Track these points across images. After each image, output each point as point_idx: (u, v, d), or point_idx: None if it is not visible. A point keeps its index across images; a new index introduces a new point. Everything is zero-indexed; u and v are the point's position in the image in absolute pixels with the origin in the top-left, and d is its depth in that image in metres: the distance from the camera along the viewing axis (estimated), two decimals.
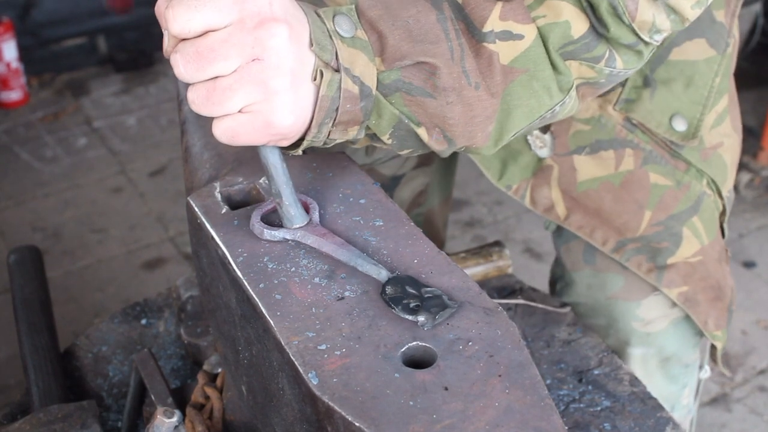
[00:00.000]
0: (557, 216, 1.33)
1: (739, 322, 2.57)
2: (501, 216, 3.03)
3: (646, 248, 1.31)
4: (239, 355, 0.98)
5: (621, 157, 1.30)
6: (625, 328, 1.38)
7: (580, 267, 1.40)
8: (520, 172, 1.35)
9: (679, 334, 1.39)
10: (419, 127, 0.95)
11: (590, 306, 1.40)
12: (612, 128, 1.29)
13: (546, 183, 1.33)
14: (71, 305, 2.63)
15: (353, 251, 0.91)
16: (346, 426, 0.75)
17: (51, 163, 3.30)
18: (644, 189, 1.30)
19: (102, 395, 1.33)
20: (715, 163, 1.33)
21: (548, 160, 1.32)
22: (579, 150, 1.31)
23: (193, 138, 1.14)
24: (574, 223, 1.33)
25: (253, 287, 0.88)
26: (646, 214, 1.30)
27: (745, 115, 3.50)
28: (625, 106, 1.29)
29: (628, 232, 1.31)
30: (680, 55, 1.29)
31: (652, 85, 1.28)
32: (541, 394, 0.77)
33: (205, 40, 0.82)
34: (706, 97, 1.29)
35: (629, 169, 1.30)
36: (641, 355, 1.39)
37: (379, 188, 1.01)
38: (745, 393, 2.37)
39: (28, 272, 1.45)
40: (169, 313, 1.47)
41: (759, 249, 2.86)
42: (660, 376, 1.42)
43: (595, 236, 1.32)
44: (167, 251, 2.87)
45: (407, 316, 0.84)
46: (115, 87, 3.76)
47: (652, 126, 1.29)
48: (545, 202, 1.34)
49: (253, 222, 0.93)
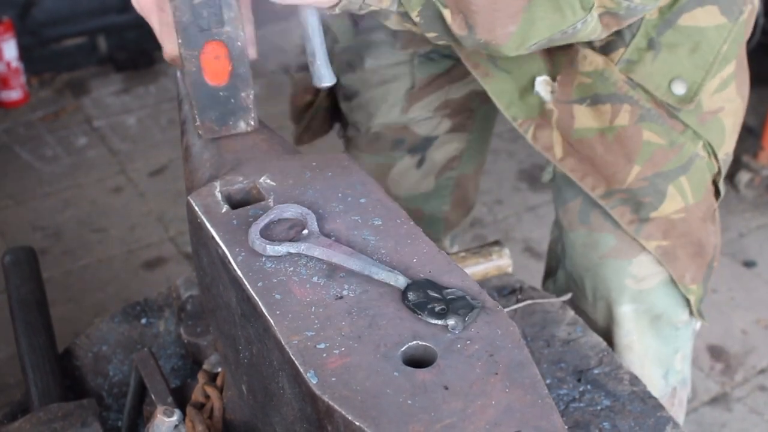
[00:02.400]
0: (554, 156, 1.38)
1: (739, 322, 2.58)
2: (501, 215, 3.03)
3: (632, 201, 1.36)
4: (239, 354, 0.98)
5: (617, 111, 1.34)
6: (619, 286, 1.42)
7: (576, 227, 1.45)
8: (527, 110, 1.39)
9: (668, 291, 1.43)
10: (445, 8, 1.04)
11: (585, 266, 1.45)
12: (613, 83, 1.33)
13: (548, 124, 1.38)
14: (71, 305, 2.63)
15: (365, 259, 0.90)
16: (346, 425, 0.75)
17: (51, 162, 3.30)
18: (636, 144, 1.34)
19: (102, 394, 1.33)
20: (713, 127, 1.36)
21: (549, 104, 1.37)
22: (581, 101, 1.35)
23: (193, 138, 1.14)
24: (567, 165, 1.38)
25: (253, 286, 0.88)
26: (635, 168, 1.35)
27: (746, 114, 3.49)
28: (626, 66, 1.32)
29: (615, 183, 1.36)
30: (689, 20, 1.31)
31: (655, 48, 1.31)
32: (541, 394, 0.77)
33: None
34: (711, 63, 1.33)
35: (623, 124, 1.34)
36: (633, 311, 1.44)
37: (379, 187, 1.01)
38: (745, 392, 2.37)
39: (24, 272, 1.45)
40: (169, 312, 1.47)
41: (759, 248, 2.86)
42: (652, 336, 1.46)
43: (585, 181, 1.37)
44: (167, 251, 2.87)
45: (436, 321, 0.83)
46: (115, 86, 3.76)
47: (651, 88, 1.32)
48: (545, 141, 1.38)
49: (253, 239, 0.92)
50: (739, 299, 2.66)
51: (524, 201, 3.08)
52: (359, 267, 0.89)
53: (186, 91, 1.13)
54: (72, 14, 3.77)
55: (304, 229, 0.94)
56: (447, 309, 0.84)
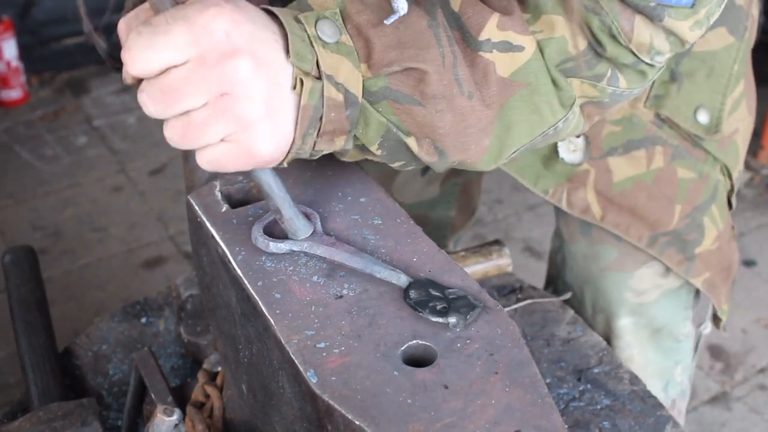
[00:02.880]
0: (593, 216, 1.35)
1: (739, 321, 2.57)
2: (501, 215, 3.03)
3: (676, 241, 1.35)
4: (239, 353, 0.98)
5: (652, 155, 1.31)
6: (618, 299, 1.41)
7: (577, 239, 1.43)
8: (555, 178, 1.36)
9: (670, 305, 1.42)
10: (408, 136, 0.92)
11: (585, 278, 1.44)
12: (643, 126, 1.31)
13: (582, 186, 1.34)
14: (71, 304, 2.63)
15: (367, 258, 0.90)
16: (346, 424, 0.75)
17: (51, 161, 3.30)
18: (673, 184, 1.32)
19: (102, 394, 1.33)
20: (730, 150, 1.36)
21: (585, 164, 1.33)
22: (612, 151, 1.32)
23: None
24: (610, 222, 1.35)
25: (253, 285, 0.88)
26: (677, 208, 1.33)
27: None
28: (655, 102, 1.30)
29: (661, 227, 1.34)
30: (703, 45, 1.29)
31: (678, 79, 1.30)
32: (541, 393, 0.77)
33: (167, 79, 0.79)
34: (725, 85, 1.31)
35: (660, 166, 1.32)
36: (632, 324, 1.42)
37: (379, 187, 1.01)
38: (745, 392, 2.37)
39: (24, 272, 1.45)
40: (169, 311, 1.47)
41: (759, 248, 2.86)
42: (652, 349, 1.45)
43: (630, 233, 1.34)
44: (167, 250, 2.87)
45: (437, 319, 0.83)
46: (115, 86, 3.76)
47: (680, 120, 1.30)
48: (581, 204, 1.35)
49: (256, 236, 0.92)
50: (739, 299, 2.66)
51: (524, 200, 3.08)
52: (361, 266, 0.89)
53: None
54: (72, 13, 3.77)
55: None
56: (448, 307, 0.84)
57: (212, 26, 0.78)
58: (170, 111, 0.80)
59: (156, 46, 0.77)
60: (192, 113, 0.80)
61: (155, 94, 0.79)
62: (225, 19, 0.79)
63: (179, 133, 0.82)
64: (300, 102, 0.84)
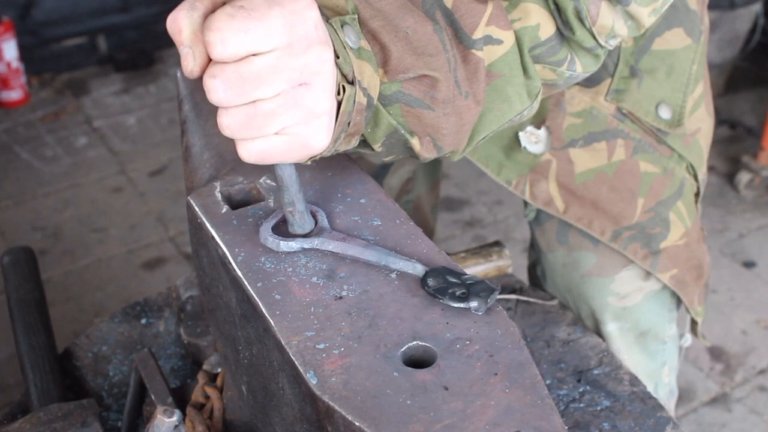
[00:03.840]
0: (556, 209, 1.36)
1: (739, 322, 2.58)
2: (501, 216, 3.03)
3: (641, 235, 1.35)
4: (239, 354, 0.98)
5: (613, 147, 1.32)
6: (601, 304, 1.41)
7: (554, 248, 1.43)
8: (517, 168, 1.36)
9: (653, 307, 1.42)
10: (413, 137, 0.94)
11: (567, 286, 1.44)
12: (603, 119, 1.32)
13: (543, 178, 1.35)
14: (71, 305, 2.63)
15: (381, 250, 0.90)
16: (346, 425, 0.75)
17: (51, 162, 3.30)
18: (635, 177, 1.33)
19: (102, 395, 1.33)
20: (694, 149, 1.37)
21: (546, 155, 1.34)
22: (573, 143, 1.33)
23: (193, 138, 1.14)
24: (573, 215, 1.35)
25: (253, 286, 0.88)
26: (640, 201, 1.33)
27: (745, 114, 3.48)
28: (616, 96, 1.32)
29: (623, 221, 1.34)
30: (662, 44, 1.32)
31: (638, 75, 1.31)
32: (541, 394, 0.77)
33: (251, 66, 0.76)
34: (686, 84, 1.33)
35: (621, 158, 1.32)
36: (618, 329, 1.42)
37: (379, 187, 1.01)
38: (745, 393, 2.37)
39: (23, 273, 1.45)
40: (169, 312, 1.47)
41: (759, 249, 2.86)
42: (639, 352, 1.45)
43: (593, 227, 1.35)
44: (167, 251, 2.87)
45: (458, 305, 0.84)
46: (115, 87, 3.76)
47: (641, 115, 1.32)
48: (544, 196, 1.36)
49: (266, 236, 0.92)
50: (739, 299, 2.66)
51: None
52: (375, 258, 0.89)
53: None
54: (72, 14, 3.77)
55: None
56: (468, 293, 0.84)
57: (306, 14, 0.78)
58: (242, 99, 0.78)
59: (251, 30, 0.75)
60: (260, 102, 0.78)
61: (233, 80, 0.76)
62: (315, 8, 0.79)
63: (241, 121, 0.79)
64: (339, 108, 0.85)
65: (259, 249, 0.92)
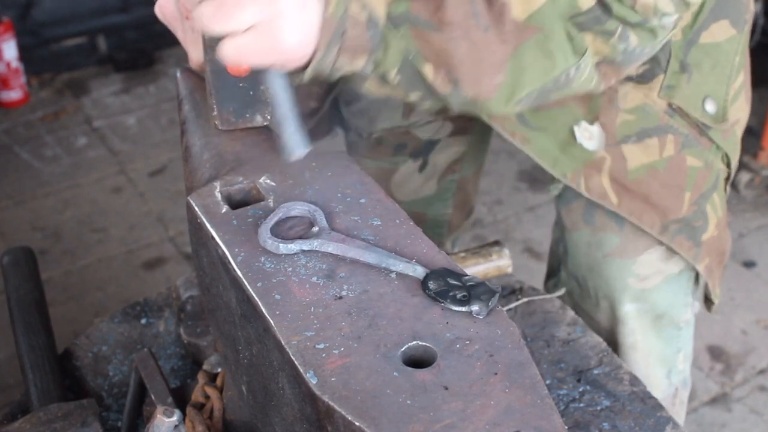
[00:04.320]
0: (610, 202, 1.37)
1: (739, 322, 2.58)
2: (501, 216, 3.03)
3: (686, 228, 1.37)
4: (239, 354, 0.98)
5: (664, 143, 1.34)
6: (621, 285, 1.43)
7: (579, 227, 1.44)
8: (572, 163, 1.37)
9: (671, 290, 1.44)
10: (426, 62, 0.97)
11: (588, 265, 1.45)
12: (655, 115, 1.33)
13: (597, 172, 1.36)
14: (71, 305, 2.63)
15: (381, 252, 0.90)
16: (346, 425, 0.75)
17: (51, 162, 3.30)
18: (683, 172, 1.35)
19: (102, 395, 1.33)
20: (731, 139, 1.39)
21: (601, 152, 1.35)
22: (626, 139, 1.34)
23: (193, 138, 1.14)
24: (626, 209, 1.36)
25: (253, 286, 0.88)
26: (686, 195, 1.35)
27: None
28: (668, 92, 1.32)
29: (671, 214, 1.36)
30: (708, 38, 1.33)
31: (687, 70, 1.32)
32: (541, 394, 0.77)
33: None
34: (729, 76, 1.34)
35: (671, 154, 1.34)
36: (636, 311, 1.44)
37: (378, 188, 1.01)
38: (745, 393, 2.37)
39: (23, 273, 1.45)
40: (169, 312, 1.47)
41: (759, 249, 2.86)
42: (654, 336, 1.47)
43: (644, 220, 1.36)
44: (167, 251, 2.87)
45: (459, 308, 0.84)
46: (115, 87, 3.76)
47: (690, 110, 1.33)
48: (599, 190, 1.37)
49: (265, 239, 0.91)
50: (739, 299, 2.66)
51: (524, 201, 3.08)
52: (375, 260, 0.89)
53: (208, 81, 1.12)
54: (72, 14, 3.77)
55: (313, 226, 0.94)
56: (469, 295, 0.84)
57: None
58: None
59: None
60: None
61: None
62: None
63: (212, 10, 0.89)
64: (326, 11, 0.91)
65: (258, 249, 0.92)
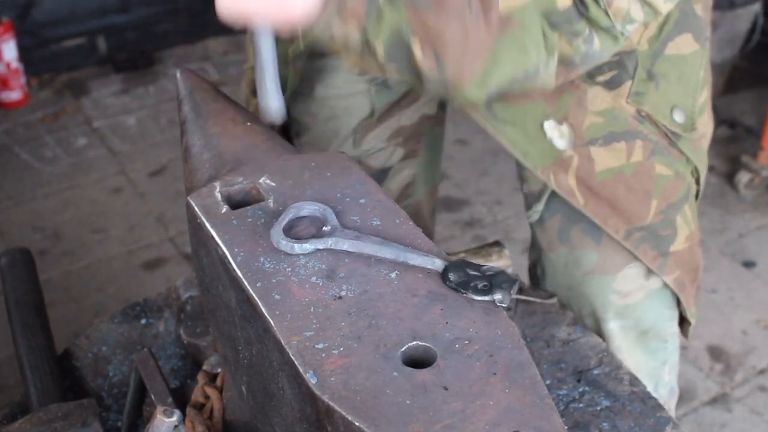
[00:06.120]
0: (577, 201, 1.37)
1: (739, 322, 2.57)
2: (501, 216, 3.02)
3: (651, 237, 1.36)
4: (239, 354, 0.98)
5: (632, 148, 1.34)
6: (604, 302, 1.42)
7: (555, 247, 1.44)
8: (542, 159, 1.37)
9: (654, 305, 1.43)
10: (413, 37, 1.00)
11: (568, 285, 1.44)
12: (624, 120, 1.33)
13: (564, 171, 1.36)
14: (71, 305, 2.63)
15: (397, 247, 0.90)
16: (346, 425, 0.75)
17: (51, 163, 3.30)
18: (651, 179, 1.34)
19: (102, 395, 1.33)
20: (700, 153, 1.39)
21: (569, 151, 1.35)
22: (594, 141, 1.34)
23: (193, 138, 1.14)
24: (591, 210, 1.36)
25: (252, 286, 0.88)
26: (653, 203, 1.35)
27: (745, 115, 3.48)
28: (636, 99, 1.33)
29: (637, 221, 1.35)
30: (674, 49, 1.34)
31: (655, 79, 1.33)
32: (541, 394, 0.77)
33: None
34: (694, 88, 1.35)
35: (639, 160, 1.34)
36: (620, 328, 1.43)
37: (379, 187, 1.01)
38: (745, 393, 2.37)
39: (21, 274, 1.45)
40: (168, 313, 1.47)
41: (759, 249, 2.86)
42: (640, 350, 1.46)
43: (608, 224, 1.36)
44: (167, 251, 2.87)
45: (482, 298, 0.84)
46: (114, 87, 3.76)
47: (659, 117, 1.33)
48: (567, 188, 1.37)
49: (278, 240, 0.91)
50: (739, 299, 2.66)
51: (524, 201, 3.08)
52: (393, 255, 0.89)
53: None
54: (72, 14, 3.77)
55: (323, 225, 0.93)
56: (490, 285, 0.84)
57: None
58: None
59: None
60: None
61: None
62: None
63: None
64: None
65: (258, 249, 0.92)
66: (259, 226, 0.95)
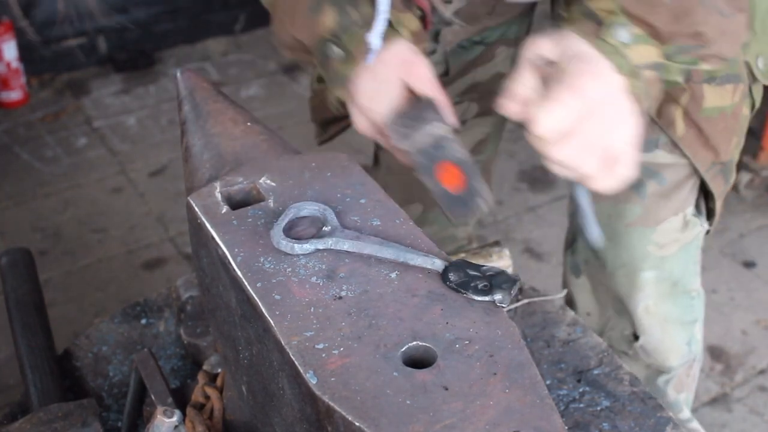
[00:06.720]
0: (674, 131, 1.41)
1: (739, 322, 2.57)
2: (501, 216, 3.02)
3: (725, 170, 1.45)
4: (239, 354, 0.98)
5: (736, 90, 1.40)
6: (642, 253, 1.47)
7: (600, 198, 1.48)
8: None
9: (684, 258, 1.50)
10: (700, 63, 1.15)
11: (609, 235, 1.48)
12: (737, 64, 1.39)
13: (673, 101, 1.40)
14: (71, 305, 2.63)
15: (397, 247, 0.90)
16: (346, 425, 0.75)
17: (51, 163, 3.30)
18: (741, 120, 1.43)
19: (102, 395, 1.33)
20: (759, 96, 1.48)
21: (683, 84, 1.40)
22: (711, 80, 1.39)
23: (193, 138, 1.14)
24: (685, 141, 1.41)
25: (252, 287, 0.88)
26: (734, 140, 1.43)
27: None
28: (744, 49, 1.39)
29: (720, 156, 1.42)
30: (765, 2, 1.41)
31: (753, 29, 1.39)
32: (541, 394, 0.77)
33: None
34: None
35: (737, 101, 1.41)
36: (655, 277, 1.48)
37: (379, 188, 1.01)
38: (745, 393, 2.37)
39: (21, 274, 1.45)
40: (169, 313, 1.47)
41: (759, 249, 2.86)
42: (671, 303, 1.52)
43: (698, 157, 1.41)
44: (167, 251, 2.87)
45: (482, 298, 0.84)
46: (115, 87, 3.76)
47: (752, 65, 1.41)
48: (669, 117, 1.41)
49: (279, 240, 0.91)
50: (739, 299, 2.66)
51: (524, 201, 3.08)
52: (393, 255, 0.89)
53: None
54: (71, 15, 3.77)
55: (322, 225, 0.93)
56: (490, 285, 0.84)
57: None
58: None
59: None
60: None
61: None
62: None
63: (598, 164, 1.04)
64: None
65: (258, 249, 0.92)
66: (259, 227, 0.95)
